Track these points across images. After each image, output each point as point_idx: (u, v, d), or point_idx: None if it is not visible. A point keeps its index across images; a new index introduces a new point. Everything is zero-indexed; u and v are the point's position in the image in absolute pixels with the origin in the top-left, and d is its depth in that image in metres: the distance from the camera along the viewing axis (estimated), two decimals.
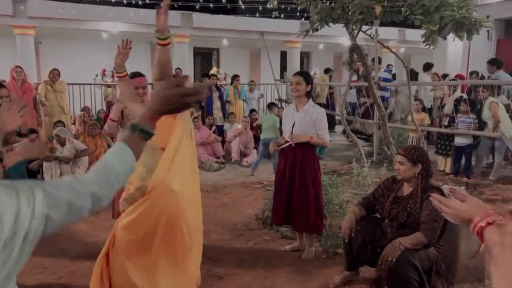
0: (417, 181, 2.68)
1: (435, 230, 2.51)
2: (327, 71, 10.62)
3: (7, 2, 9.64)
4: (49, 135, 6.69)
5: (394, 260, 2.40)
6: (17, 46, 9.94)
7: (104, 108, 9.12)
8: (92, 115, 8.63)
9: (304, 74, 3.52)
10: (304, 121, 3.42)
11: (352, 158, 6.71)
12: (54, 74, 7.42)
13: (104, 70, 10.65)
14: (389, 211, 2.74)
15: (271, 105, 7.48)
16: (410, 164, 2.68)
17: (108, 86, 9.97)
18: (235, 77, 9.23)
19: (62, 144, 5.81)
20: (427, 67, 8.92)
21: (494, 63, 7.23)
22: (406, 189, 2.75)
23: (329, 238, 3.70)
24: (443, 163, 6.67)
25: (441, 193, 2.62)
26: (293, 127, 3.46)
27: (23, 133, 4.11)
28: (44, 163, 5.62)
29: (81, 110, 8.52)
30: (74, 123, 8.17)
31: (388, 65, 10.52)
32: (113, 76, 10.46)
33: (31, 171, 5.43)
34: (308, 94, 3.48)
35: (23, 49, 9.96)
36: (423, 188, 2.64)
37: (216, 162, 7.15)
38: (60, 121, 7.05)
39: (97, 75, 10.85)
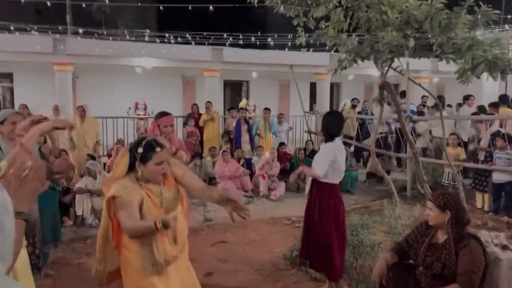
0: (447, 229, 2.58)
1: (473, 282, 2.39)
2: (354, 106, 10.53)
3: (48, 41, 10.27)
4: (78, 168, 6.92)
5: None
6: (56, 81, 10.49)
7: None
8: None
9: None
10: (316, 156, 3.60)
11: (384, 193, 6.58)
12: (80, 111, 7.70)
13: (137, 104, 11.02)
14: (423, 259, 2.64)
15: None
16: (438, 211, 2.59)
17: (141, 119, 10.30)
18: (265, 110, 9.30)
19: (94, 177, 5.99)
20: (467, 98, 8.72)
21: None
22: (441, 236, 2.65)
23: (360, 282, 3.58)
24: (481, 200, 6.40)
25: (479, 242, 2.51)
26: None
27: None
28: (77, 196, 5.80)
29: (115, 143, 8.80)
30: (108, 155, 8.41)
31: (422, 97, 10.36)
32: (145, 109, 10.82)
33: (63, 204, 5.61)
34: (331, 135, 3.54)
35: (61, 84, 10.49)
36: (456, 236, 2.54)
37: (245, 196, 7.15)
38: (90, 155, 7.30)
39: (130, 108, 11.25)
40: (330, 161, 3.40)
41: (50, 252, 4.18)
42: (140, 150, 2.20)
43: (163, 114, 3.60)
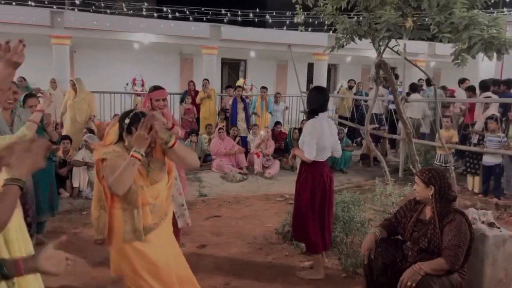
0: (432, 204, 2.61)
1: (458, 256, 2.43)
2: (350, 87, 10.47)
3: (46, 13, 10.07)
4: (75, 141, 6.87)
5: (413, 285, 2.34)
6: (54, 54, 10.34)
7: None
8: None
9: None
10: (301, 135, 3.54)
11: (377, 174, 6.63)
12: (71, 85, 7.63)
13: (134, 80, 10.91)
14: (410, 234, 2.68)
15: None
16: (424, 186, 2.62)
17: (138, 95, 10.22)
18: (262, 89, 9.26)
19: (91, 150, 5.98)
20: (462, 81, 8.70)
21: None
22: (428, 212, 2.68)
23: (350, 256, 3.64)
24: (471, 183, 6.46)
25: (465, 217, 2.55)
26: None
27: (54, 141, 4.25)
28: (74, 169, 5.80)
29: (112, 118, 8.75)
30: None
31: (419, 80, 10.33)
32: (143, 85, 10.73)
33: (60, 177, 5.61)
34: (311, 112, 3.49)
35: (59, 58, 10.35)
36: (441, 212, 2.57)
37: (239, 173, 7.18)
38: (89, 128, 7.28)
39: (127, 84, 11.14)
40: (315, 140, 3.33)
41: (46, 222, 4.20)
42: (127, 121, 2.29)
43: (156, 87, 3.56)
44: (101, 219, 2.35)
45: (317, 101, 3.47)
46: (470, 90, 7.55)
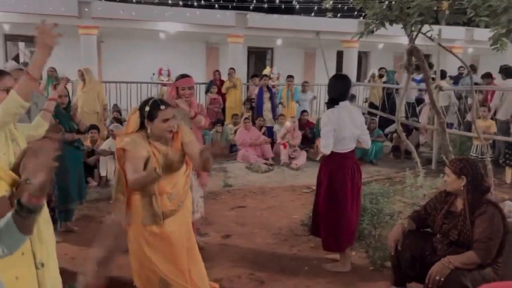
0: (463, 195, 2.55)
1: (490, 249, 2.37)
2: (380, 76, 10.26)
3: (73, 4, 10.35)
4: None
5: (442, 279, 2.30)
6: (81, 45, 10.64)
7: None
8: None
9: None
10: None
11: (409, 166, 6.51)
12: (80, 76, 7.54)
13: (160, 70, 11.10)
14: (440, 226, 2.63)
15: None
16: (454, 177, 2.56)
17: (164, 85, 10.39)
18: (288, 78, 9.21)
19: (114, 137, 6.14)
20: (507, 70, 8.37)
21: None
22: (459, 204, 2.63)
23: (378, 249, 3.61)
24: (510, 175, 6.24)
25: (498, 209, 2.48)
26: None
27: (81, 131, 4.40)
28: (101, 158, 5.98)
29: None
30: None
31: (459, 67, 10.02)
32: (169, 75, 10.89)
33: (88, 166, 5.81)
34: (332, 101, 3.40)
35: (87, 48, 10.65)
36: (473, 204, 2.50)
37: (265, 163, 7.21)
38: (116, 117, 7.46)
39: (154, 74, 11.34)
40: (331, 132, 3.24)
41: (75, 209, 4.37)
42: (147, 108, 2.42)
43: (182, 76, 3.59)
44: (120, 201, 2.50)
45: (336, 90, 3.38)
46: (488, 77, 7.33)
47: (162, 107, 2.41)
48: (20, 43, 13.53)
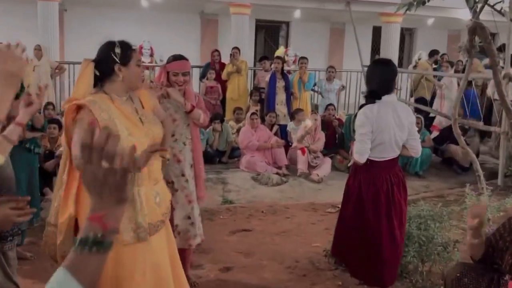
0: None
1: None
2: (432, 54, 10.25)
3: None
4: None
5: None
6: (39, 14, 10.69)
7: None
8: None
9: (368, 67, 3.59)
10: None
11: (467, 179, 6.47)
12: (36, 51, 7.85)
13: (141, 48, 11.11)
14: (511, 265, 2.59)
15: None
16: None
17: (146, 67, 10.41)
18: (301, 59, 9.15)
19: None
20: None
21: None
22: None
23: None
24: None
25: None
26: None
27: (37, 128, 4.42)
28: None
29: None
30: None
31: None
32: (151, 55, 10.91)
33: (45, 173, 5.81)
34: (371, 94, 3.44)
35: (45, 19, 10.68)
36: None
37: (277, 173, 7.21)
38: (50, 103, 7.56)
39: None
40: (369, 135, 3.28)
41: (26, 230, 4.37)
42: (117, 50, 2.45)
43: (175, 57, 3.59)
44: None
45: (378, 80, 3.40)
46: None
47: (134, 46, 2.56)
48: None
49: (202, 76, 9.57)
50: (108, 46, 2.49)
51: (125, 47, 2.49)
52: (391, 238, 3.39)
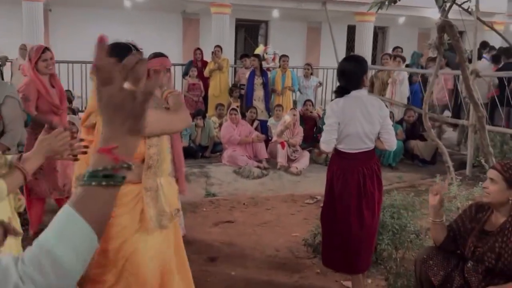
0: (506, 210, 2.58)
1: None
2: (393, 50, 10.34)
3: None
4: None
5: None
6: (24, 14, 10.50)
7: None
8: None
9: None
10: None
11: (438, 170, 6.54)
12: (21, 51, 7.75)
13: None
14: (472, 251, 2.63)
15: None
16: (505, 185, 2.56)
17: None
18: (283, 57, 9.19)
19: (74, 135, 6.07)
20: None
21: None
22: (496, 221, 2.64)
23: (400, 276, 3.60)
24: None
25: None
26: None
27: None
28: None
29: None
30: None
31: (499, 48, 10.10)
32: None
33: None
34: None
35: (30, 19, 10.49)
36: None
37: (258, 167, 7.20)
38: (71, 108, 7.40)
39: None
40: (335, 126, 3.28)
41: None
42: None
43: (156, 55, 3.56)
44: None
45: (347, 76, 3.39)
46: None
47: (140, 48, 2.48)
48: None
49: (185, 73, 9.49)
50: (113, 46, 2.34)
51: (125, 49, 2.36)
52: (361, 228, 3.35)
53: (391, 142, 3.47)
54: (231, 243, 4.53)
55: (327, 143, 3.31)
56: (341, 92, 3.37)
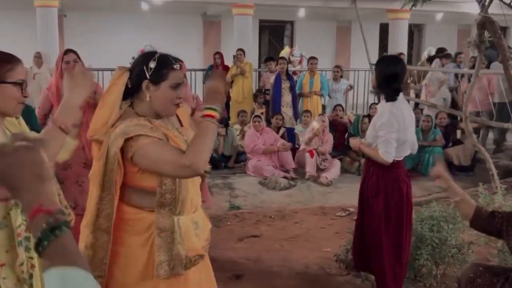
0: None
1: None
2: (440, 51, 10.26)
3: None
4: None
5: None
6: (38, 20, 10.76)
7: None
8: None
9: (378, 63, 3.53)
10: (371, 125, 3.48)
11: (481, 179, 6.45)
12: (36, 59, 7.87)
13: (142, 52, 11.20)
14: None
15: None
16: None
17: None
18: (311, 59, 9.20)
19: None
20: None
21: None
22: None
23: None
24: None
25: None
26: None
27: None
28: None
29: None
30: None
31: None
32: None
33: None
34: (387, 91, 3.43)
35: (44, 25, 10.75)
36: None
37: (285, 177, 7.22)
38: None
39: (133, 58, 11.41)
40: (395, 134, 3.28)
41: None
42: (152, 64, 2.11)
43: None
44: (98, 246, 2.15)
45: (400, 78, 3.41)
46: None
47: (176, 65, 2.14)
48: None
49: (205, 78, 9.60)
50: (143, 57, 2.19)
51: (165, 62, 2.13)
52: (408, 237, 3.49)
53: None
54: (257, 260, 4.53)
55: (390, 153, 3.27)
56: (396, 94, 3.36)
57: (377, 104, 8.84)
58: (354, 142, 3.65)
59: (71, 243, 1.02)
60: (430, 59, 10.45)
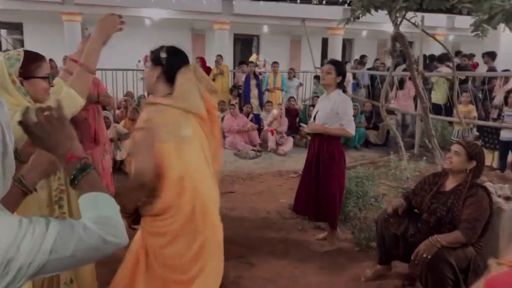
0: (466, 177, 2.62)
1: (475, 229, 2.44)
2: (362, 57, 10.36)
3: None
4: None
5: (429, 257, 2.36)
6: (65, 32, 10.39)
7: (146, 94, 9.38)
8: (135, 100, 8.92)
9: (336, 64, 3.43)
10: (325, 110, 3.37)
11: (392, 150, 6.60)
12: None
13: (146, 57, 10.91)
14: (428, 205, 2.69)
15: None
16: (466, 158, 2.61)
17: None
18: (273, 64, 9.18)
19: (107, 126, 6.02)
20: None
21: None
22: (450, 184, 2.69)
23: (363, 231, 3.67)
24: (490, 158, 6.37)
25: (487, 192, 2.55)
26: (315, 115, 3.47)
27: None
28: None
29: (124, 95, 8.83)
30: (118, 108, 8.47)
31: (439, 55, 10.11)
32: None
33: None
34: (339, 85, 3.39)
35: (70, 35, 10.40)
36: (470, 186, 2.58)
37: (253, 150, 7.22)
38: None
39: (139, 61, 11.16)
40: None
41: None
42: (163, 55, 1.94)
43: None
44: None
45: (344, 75, 3.45)
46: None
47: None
48: (2, 30, 13.16)
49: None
50: (159, 50, 2.03)
51: (175, 52, 2.01)
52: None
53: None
54: (233, 208, 4.56)
55: (354, 128, 3.39)
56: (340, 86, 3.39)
57: (318, 97, 8.89)
58: (314, 126, 3.41)
59: (97, 178, 1.06)
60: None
